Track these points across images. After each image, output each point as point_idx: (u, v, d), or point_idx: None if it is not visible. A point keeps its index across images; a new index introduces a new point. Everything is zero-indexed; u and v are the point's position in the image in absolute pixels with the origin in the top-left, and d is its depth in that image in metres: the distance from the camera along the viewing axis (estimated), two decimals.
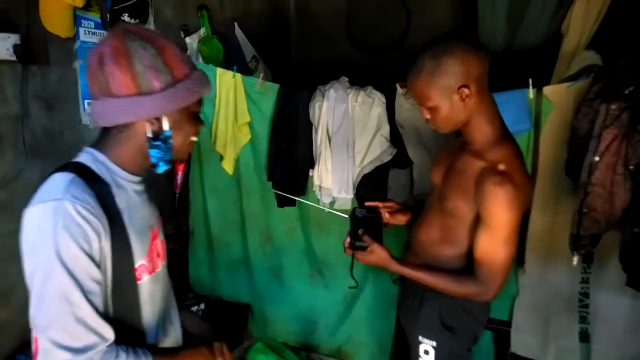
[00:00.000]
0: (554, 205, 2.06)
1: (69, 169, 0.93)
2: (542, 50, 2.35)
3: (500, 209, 1.26)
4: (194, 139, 1.06)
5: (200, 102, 1.03)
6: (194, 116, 1.03)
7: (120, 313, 0.97)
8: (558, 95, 1.97)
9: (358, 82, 2.38)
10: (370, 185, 2.27)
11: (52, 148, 2.06)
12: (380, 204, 1.62)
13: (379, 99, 2.22)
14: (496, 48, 2.42)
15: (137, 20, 2.29)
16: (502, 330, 2.24)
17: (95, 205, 0.89)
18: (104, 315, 0.91)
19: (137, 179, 1.04)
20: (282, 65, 3.47)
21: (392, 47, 3.23)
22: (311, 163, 2.34)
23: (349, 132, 2.23)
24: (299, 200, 2.48)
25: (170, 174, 2.54)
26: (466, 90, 1.27)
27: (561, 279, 2.10)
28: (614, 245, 1.81)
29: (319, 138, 2.28)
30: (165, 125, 0.97)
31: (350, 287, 1.57)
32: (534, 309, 2.19)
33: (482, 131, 1.35)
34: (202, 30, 2.80)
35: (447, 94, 1.28)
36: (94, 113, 0.95)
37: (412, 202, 2.12)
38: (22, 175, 1.92)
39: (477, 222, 1.33)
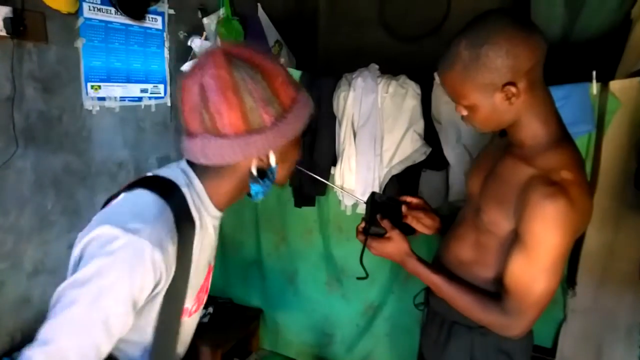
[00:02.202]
0: (615, 220, 1.78)
1: (164, 191, 0.84)
2: (606, 39, 2.03)
3: (545, 228, 1.00)
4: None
5: (305, 125, 0.93)
6: (297, 141, 0.94)
7: (157, 349, 0.88)
8: (628, 91, 1.69)
9: (391, 71, 2.11)
10: (399, 188, 2.02)
11: (49, 134, 1.88)
12: (399, 198, 1.37)
13: (413, 89, 1.95)
14: (552, 37, 2.11)
15: None
16: None
17: (173, 252, 0.81)
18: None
19: (220, 214, 0.96)
20: (308, 51, 3.23)
21: (429, 34, 2.95)
22: (333, 161, 2.09)
23: (377, 127, 1.96)
24: (318, 200, 2.26)
25: None
26: (513, 89, 1.00)
27: (619, 305, 1.82)
28: None
29: (343, 133, 2.03)
30: (273, 161, 0.88)
31: (358, 278, 1.35)
32: (584, 337, 1.91)
33: (533, 132, 1.08)
34: (222, 11, 2.58)
35: (488, 92, 1.02)
36: (192, 150, 0.86)
37: (446, 212, 1.86)
38: (13, 163, 1.75)
39: (514, 240, 1.08)
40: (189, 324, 0.99)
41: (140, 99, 2.25)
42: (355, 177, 2.00)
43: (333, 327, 2.41)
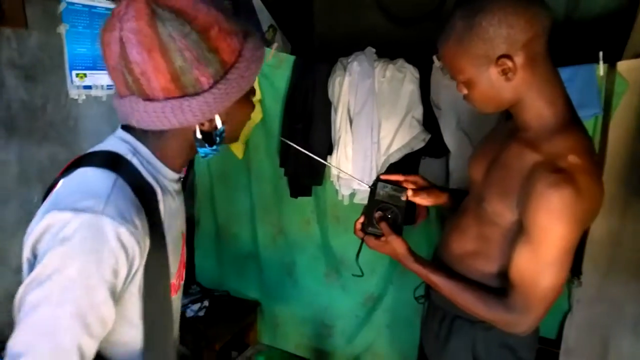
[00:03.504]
0: (622, 207, 1.71)
1: (109, 164, 0.74)
2: (612, 18, 1.94)
3: (550, 220, 0.93)
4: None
5: (253, 81, 0.82)
6: (247, 97, 0.83)
7: (150, 338, 0.79)
8: (636, 72, 1.62)
9: (389, 55, 2.03)
10: None
11: (33, 125, 1.81)
12: (401, 178, 1.30)
13: (411, 73, 1.87)
14: (556, 15, 2.02)
15: None
16: (548, 352, 1.91)
17: (139, 224, 0.71)
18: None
19: (177, 176, 0.86)
20: (304, 36, 3.14)
21: (428, 17, 2.84)
22: (329, 148, 2.02)
23: (373, 113, 1.89)
24: (315, 190, 2.19)
25: None
26: (508, 62, 0.94)
27: (626, 295, 1.76)
28: None
29: (339, 119, 1.95)
30: (219, 123, 0.78)
31: (354, 275, 1.34)
32: (590, 328, 1.85)
33: (538, 114, 1.01)
34: None
35: (483, 65, 0.96)
36: (122, 112, 0.76)
37: None
38: None
39: (519, 231, 1.02)
40: (176, 303, 0.91)
41: None
42: (352, 166, 1.93)
43: (333, 319, 2.36)
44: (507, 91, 0.99)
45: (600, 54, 1.63)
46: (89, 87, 1.99)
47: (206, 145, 0.79)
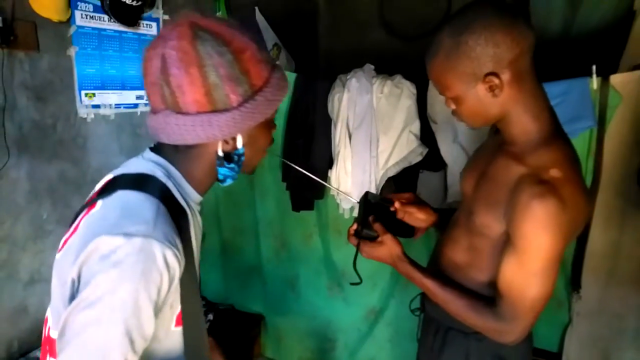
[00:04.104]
0: (620, 219, 1.72)
1: (151, 190, 0.77)
2: (608, 32, 1.96)
3: (535, 230, 0.95)
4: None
5: (277, 109, 0.87)
6: (268, 125, 0.89)
7: (191, 348, 0.84)
8: (629, 85, 1.64)
9: (392, 71, 2.07)
10: (396, 190, 1.97)
11: (43, 143, 1.88)
12: (392, 196, 1.33)
13: (408, 89, 1.91)
14: (553, 31, 2.05)
15: (139, 3, 2.08)
16: None
17: (179, 245, 0.76)
18: None
19: (201, 199, 0.91)
20: (309, 54, 3.20)
21: (430, 33, 2.87)
22: (329, 163, 2.06)
23: (372, 128, 1.93)
24: (317, 204, 2.23)
25: None
26: (495, 80, 0.96)
27: (627, 308, 1.75)
28: None
29: (338, 134, 2.00)
30: (240, 144, 0.83)
31: (352, 284, 1.33)
32: (591, 341, 1.84)
33: (524, 128, 1.03)
34: (219, 15, 2.57)
35: (470, 82, 0.99)
36: (154, 127, 0.81)
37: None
38: (6, 172, 1.75)
39: (507, 242, 1.03)
40: None
41: (136, 105, 2.25)
42: (351, 180, 1.96)
43: (335, 332, 2.38)
44: (494, 107, 1.01)
45: (594, 67, 1.65)
46: (97, 106, 2.07)
47: (225, 164, 0.84)
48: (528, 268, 0.99)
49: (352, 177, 1.96)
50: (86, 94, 2.02)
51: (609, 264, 1.75)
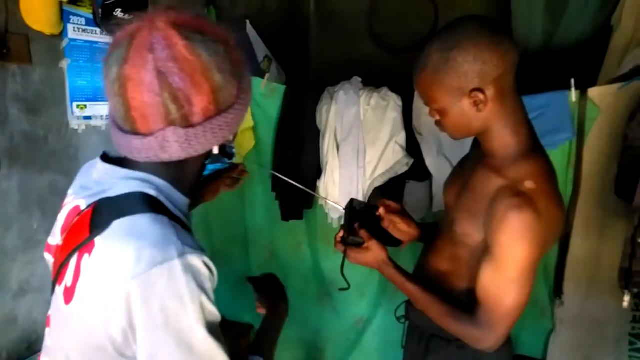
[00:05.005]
0: (600, 228, 1.76)
1: (151, 209, 0.72)
2: (587, 46, 2.03)
3: (511, 240, 0.99)
4: None
5: None
6: None
7: None
8: (607, 98, 1.69)
9: (382, 84, 2.11)
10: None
11: (34, 155, 1.90)
12: (380, 201, 1.37)
13: (394, 102, 1.96)
14: (534, 45, 2.12)
15: (131, 16, 2.11)
16: None
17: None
18: None
19: (188, 201, 0.85)
20: (299, 66, 3.25)
21: (419, 46, 2.91)
22: (318, 173, 2.10)
23: (359, 139, 1.97)
24: (306, 213, 2.26)
25: None
26: (480, 96, 1.00)
27: (607, 315, 1.79)
28: None
29: (326, 145, 2.04)
30: (231, 137, 0.79)
31: (340, 289, 1.38)
32: (573, 347, 1.88)
33: (503, 142, 1.07)
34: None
35: (456, 96, 1.03)
36: (148, 150, 0.72)
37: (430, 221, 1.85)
38: None
39: (485, 251, 1.07)
40: None
41: None
42: (339, 190, 2.00)
43: (324, 342, 2.39)
44: (477, 121, 1.05)
45: (572, 81, 1.71)
46: (89, 118, 2.09)
47: (225, 159, 0.84)
48: (504, 276, 1.02)
49: (340, 187, 2.00)
50: (78, 106, 2.05)
51: (590, 271, 1.79)
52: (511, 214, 0.98)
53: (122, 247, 0.68)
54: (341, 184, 2.00)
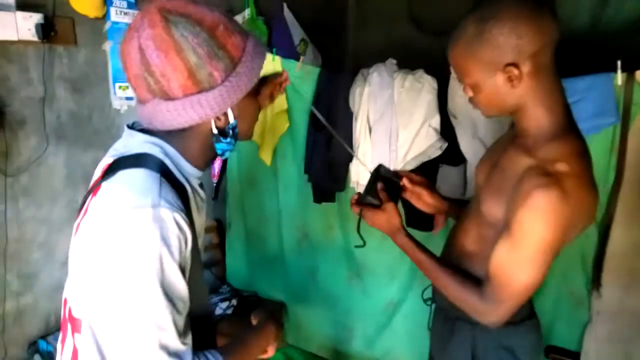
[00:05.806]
0: None
1: (150, 165, 0.81)
2: (635, 27, 1.91)
3: (532, 218, 0.96)
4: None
5: (259, 75, 0.89)
6: (254, 92, 0.91)
7: (196, 317, 0.88)
8: None
9: (420, 67, 2.06)
10: None
11: (79, 132, 2.01)
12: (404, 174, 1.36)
13: (429, 84, 1.92)
14: (580, 25, 2.01)
15: None
16: None
17: (185, 212, 0.80)
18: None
19: (201, 174, 0.94)
20: (337, 49, 3.24)
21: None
22: (350, 156, 2.09)
23: (392, 122, 1.95)
24: (338, 196, 2.26)
25: None
26: (515, 71, 0.97)
27: None
28: None
29: (358, 128, 2.03)
30: (231, 117, 0.87)
31: (356, 246, 1.37)
32: (612, 340, 1.81)
33: (536, 122, 1.04)
34: (247, 11, 2.64)
35: (490, 70, 0.99)
36: (146, 117, 0.83)
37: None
38: (45, 159, 1.88)
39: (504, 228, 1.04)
40: None
41: None
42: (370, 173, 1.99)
43: (354, 323, 2.41)
44: (511, 97, 1.02)
45: (619, 62, 1.61)
46: (130, 98, 2.17)
47: (221, 139, 0.88)
48: (519, 254, 1.00)
49: (371, 170, 1.98)
50: (120, 87, 2.13)
51: (631, 263, 1.71)
52: (536, 192, 0.95)
53: (110, 189, 0.78)
54: (372, 167, 1.98)
